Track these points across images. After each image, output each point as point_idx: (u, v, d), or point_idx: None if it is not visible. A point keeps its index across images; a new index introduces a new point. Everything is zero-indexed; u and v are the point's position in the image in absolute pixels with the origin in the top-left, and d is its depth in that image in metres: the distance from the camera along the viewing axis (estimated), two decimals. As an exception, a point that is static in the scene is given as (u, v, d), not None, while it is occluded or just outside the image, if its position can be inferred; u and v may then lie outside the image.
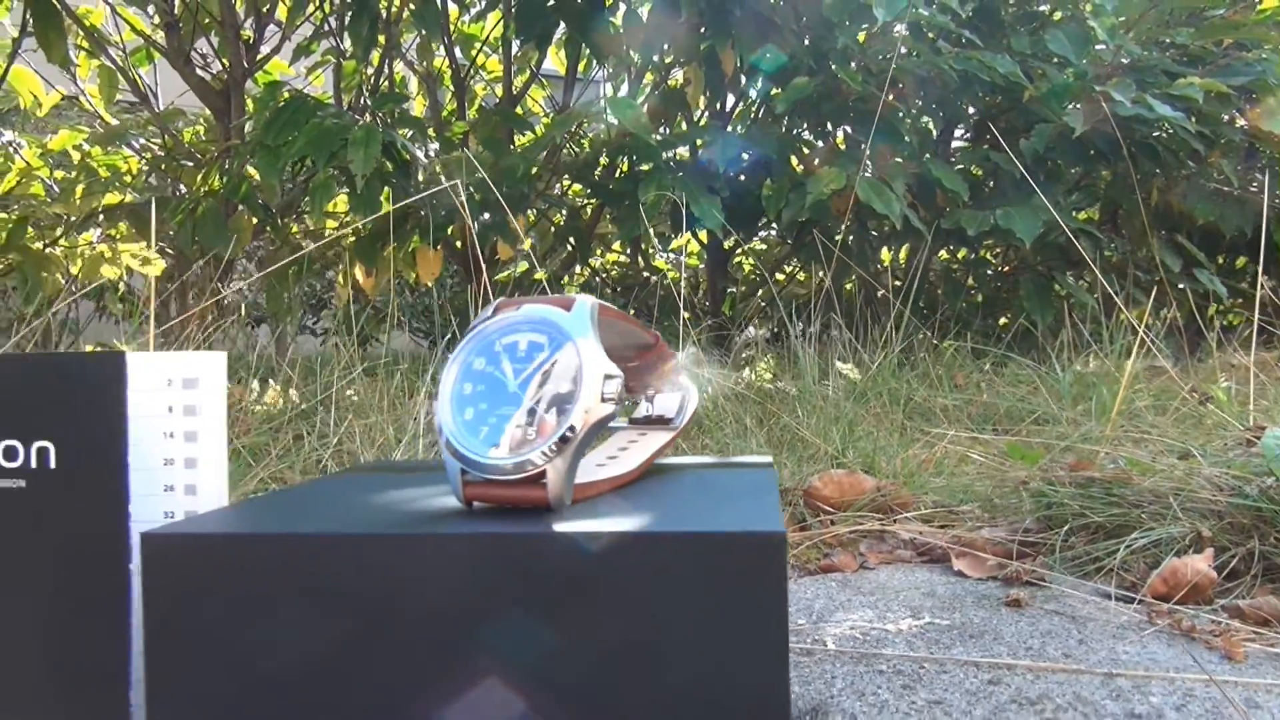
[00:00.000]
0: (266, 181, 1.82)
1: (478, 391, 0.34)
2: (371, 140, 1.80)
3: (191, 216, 1.98)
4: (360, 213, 1.86)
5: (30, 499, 0.38)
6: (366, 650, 0.30)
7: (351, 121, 1.85)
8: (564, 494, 0.33)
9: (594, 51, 2.12)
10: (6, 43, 2.59)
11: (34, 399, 0.38)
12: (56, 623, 0.37)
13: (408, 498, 0.38)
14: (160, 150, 2.52)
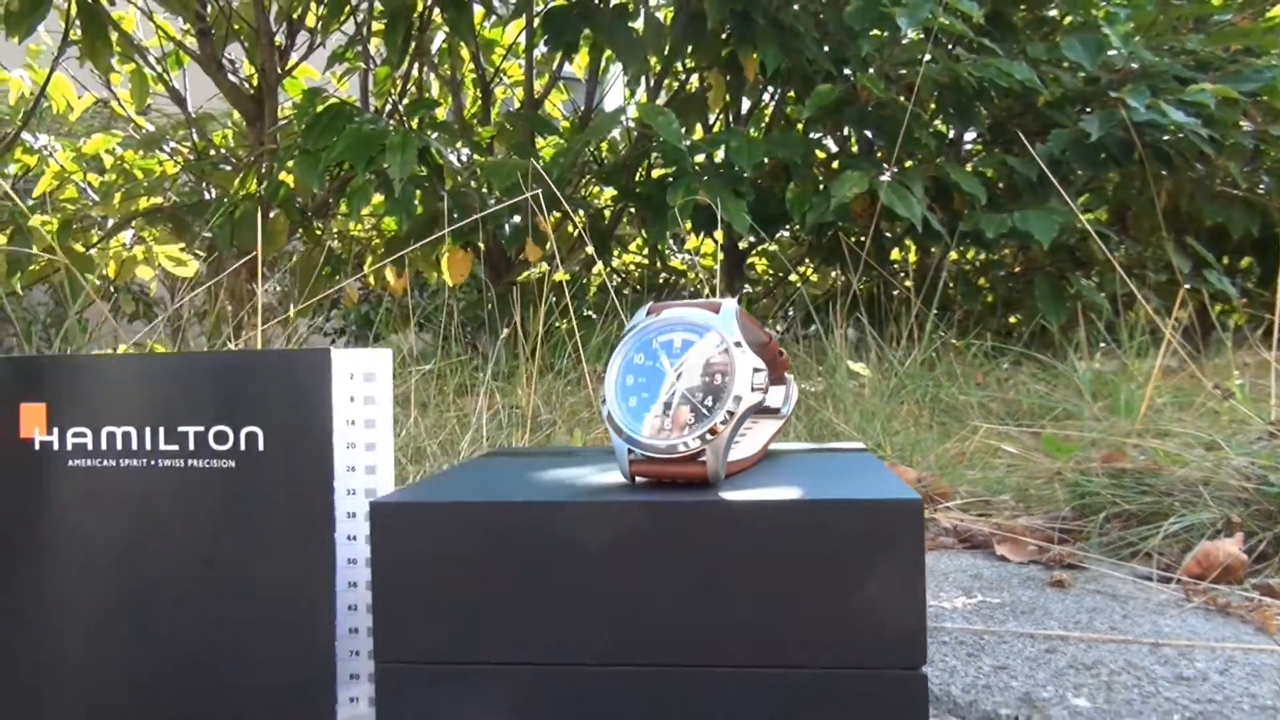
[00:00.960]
0: (306, 185, 1.87)
1: (639, 383, 0.40)
2: (408, 145, 1.86)
3: (230, 219, 2.03)
4: (396, 216, 1.91)
5: (239, 477, 0.43)
6: (566, 604, 0.36)
7: (387, 127, 1.91)
8: (720, 471, 0.39)
9: (620, 58, 2.17)
10: (39, 48, 2.64)
11: (243, 390, 0.43)
12: (267, 584, 0.42)
13: (570, 475, 0.43)
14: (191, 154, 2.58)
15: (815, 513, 0.35)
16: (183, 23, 2.47)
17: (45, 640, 0.45)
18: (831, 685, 0.35)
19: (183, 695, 0.44)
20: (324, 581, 0.42)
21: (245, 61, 2.56)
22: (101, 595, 0.45)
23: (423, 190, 2.03)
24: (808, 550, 0.35)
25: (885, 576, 0.34)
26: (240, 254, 2.17)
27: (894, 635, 0.34)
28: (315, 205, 2.35)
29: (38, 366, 0.46)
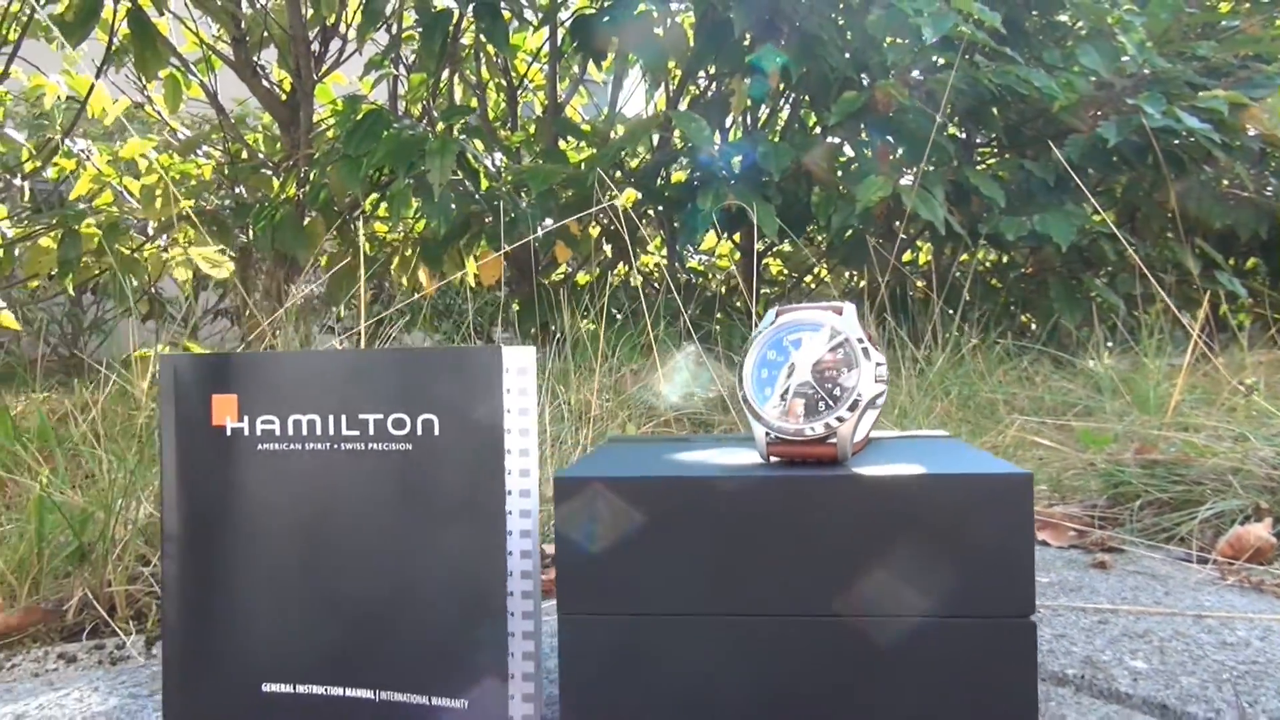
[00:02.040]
0: (349, 189, 1.93)
1: (773, 375, 0.46)
2: (447, 151, 1.92)
3: (271, 221, 2.09)
4: (434, 219, 1.97)
5: (416, 458, 0.49)
6: (722, 563, 0.42)
7: (426, 133, 1.97)
8: (849, 451, 0.45)
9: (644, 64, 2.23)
10: (77, 55, 2.70)
11: (419, 382, 0.49)
12: (442, 551, 0.48)
13: (705, 456, 0.49)
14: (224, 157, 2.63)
15: (940, 485, 0.41)
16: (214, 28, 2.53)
17: (237, 601, 0.51)
18: (955, 632, 0.41)
19: (362, 651, 0.50)
20: (496, 550, 0.48)
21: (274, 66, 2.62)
22: (287, 562, 0.51)
23: (457, 194, 2.09)
24: (933, 516, 0.41)
25: (999, 539, 0.41)
26: (278, 255, 2.23)
27: (1007, 589, 0.41)
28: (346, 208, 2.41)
29: (227, 363, 0.53)
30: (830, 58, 2.20)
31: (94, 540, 0.73)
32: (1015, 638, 0.41)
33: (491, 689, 0.48)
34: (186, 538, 0.52)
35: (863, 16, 2.19)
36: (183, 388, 0.53)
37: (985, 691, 0.41)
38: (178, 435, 0.53)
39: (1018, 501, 0.41)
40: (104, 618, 0.71)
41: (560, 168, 1.97)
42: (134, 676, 0.62)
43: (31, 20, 2.17)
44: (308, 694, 0.51)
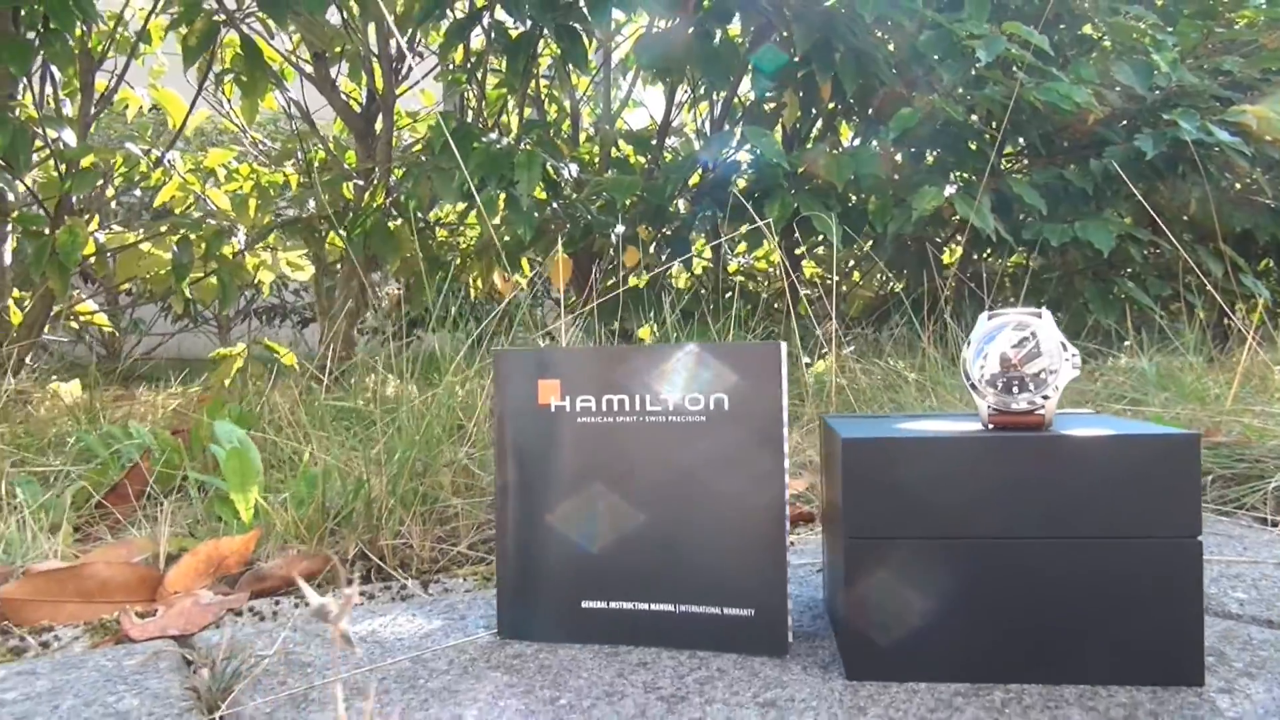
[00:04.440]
0: (444, 198, 2.08)
1: (989, 361, 0.62)
2: (533, 163, 2.07)
3: (363, 228, 2.24)
4: (520, 226, 2.12)
5: (709, 429, 0.65)
6: (968, 496, 0.57)
7: (514, 147, 2.12)
8: (1052, 420, 0.60)
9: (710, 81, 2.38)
10: (161, 69, 2.85)
11: (712, 368, 0.65)
12: (730, 502, 0.64)
13: (938, 425, 0.64)
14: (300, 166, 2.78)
15: (1130, 442, 0.56)
16: (290, 43, 2.67)
17: (559, 536, 0.67)
18: (1138, 549, 0.56)
19: (663, 573, 0.65)
20: (777, 495, 0.63)
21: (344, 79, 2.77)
22: (602, 505, 0.66)
23: (541, 202, 2.24)
24: (1122, 463, 0.56)
25: (1174, 478, 0.56)
26: (369, 261, 2.38)
27: (1181, 516, 0.56)
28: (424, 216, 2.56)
29: (551, 356, 0.68)
30: (881, 74, 2.36)
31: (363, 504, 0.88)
32: (1187, 551, 0.56)
33: (772, 600, 0.63)
34: (518, 489, 0.68)
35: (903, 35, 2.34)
36: (514, 376, 0.68)
37: (1166, 592, 0.56)
38: (510, 412, 0.68)
39: (1188, 453, 0.56)
40: (377, 565, 0.86)
41: (638, 179, 2.12)
42: (435, 605, 0.77)
43: (138, 44, 2.32)
44: (618, 608, 0.66)
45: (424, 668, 0.63)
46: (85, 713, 0.56)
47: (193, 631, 0.72)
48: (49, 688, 0.61)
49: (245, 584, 0.82)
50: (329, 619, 0.29)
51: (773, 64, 2.39)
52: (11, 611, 0.74)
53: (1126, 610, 0.56)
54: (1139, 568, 0.56)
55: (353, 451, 0.97)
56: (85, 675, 0.63)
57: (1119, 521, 0.56)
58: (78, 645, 0.70)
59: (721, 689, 0.58)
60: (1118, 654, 0.56)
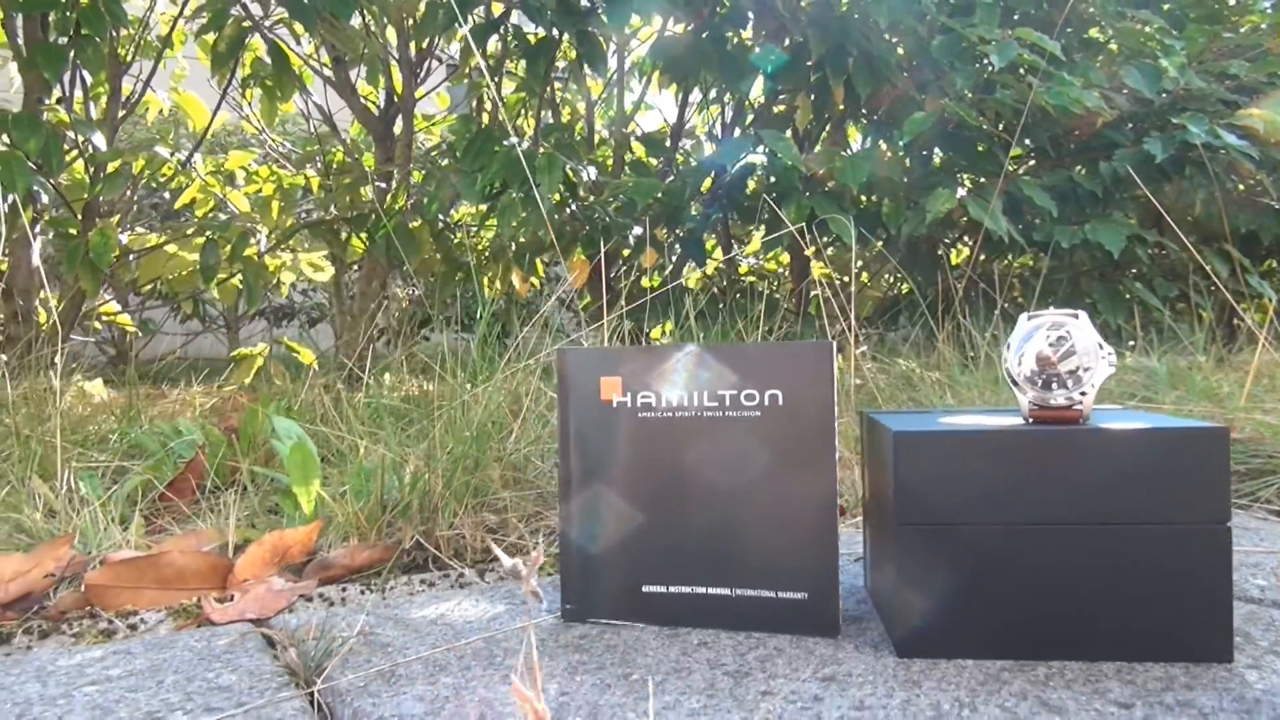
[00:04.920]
0: (467, 200, 2.12)
1: (1026, 360, 0.66)
2: (554, 167, 2.11)
3: (385, 229, 2.28)
4: (540, 228, 2.16)
5: (763, 423, 0.69)
6: (1012, 484, 0.61)
7: (535, 150, 2.16)
8: (1089, 415, 0.64)
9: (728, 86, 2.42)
10: (183, 73, 2.89)
11: (766, 366, 0.68)
12: (783, 492, 0.68)
13: (979, 419, 0.68)
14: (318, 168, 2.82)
15: (1163, 435, 0.61)
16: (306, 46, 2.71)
17: (621, 525, 0.71)
18: (1171, 534, 0.60)
19: (719, 559, 0.69)
20: (828, 486, 0.67)
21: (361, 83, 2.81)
22: (661, 495, 0.70)
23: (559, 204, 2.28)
24: (1155, 456, 0.60)
25: (1205, 468, 0.60)
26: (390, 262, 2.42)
27: (1211, 503, 0.60)
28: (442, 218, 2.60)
29: (613, 354, 0.72)
30: (893, 78, 2.40)
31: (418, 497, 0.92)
32: (1217, 537, 0.60)
33: (825, 584, 0.67)
34: (581, 480, 0.72)
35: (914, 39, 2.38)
36: (578, 373, 0.72)
37: (1197, 575, 0.60)
38: (573, 408, 0.72)
39: (1218, 445, 0.60)
40: (433, 555, 0.90)
41: (658, 182, 2.16)
42: (495, 592, 0.81)
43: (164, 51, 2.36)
44: (677, 592, 0.70)
45: (498, 647, 0.67)
46: (189, 688, 0.60)
47: (269, 615, 0.76)
48: (148, 665, 0.65)
49: (312, 572, 0.86)
50: (520, 578, 0.33)
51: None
52: (97, 597, 0.78)
53: (1160, 592, 0.60)
54: (1172, 552, 0.60)
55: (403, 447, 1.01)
56: (179, 655, 0.67)
57: (1153, 509, 0.60)
58: (163, 628, 0.74)
59: (782, 665, 0.62)
60: (1152, 632, 0.60)
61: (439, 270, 2.50)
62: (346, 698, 0.58)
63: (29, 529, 0.89)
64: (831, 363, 0.67)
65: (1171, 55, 2.35)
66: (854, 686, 0.58)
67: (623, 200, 2.35)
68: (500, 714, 0.55)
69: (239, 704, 0.57)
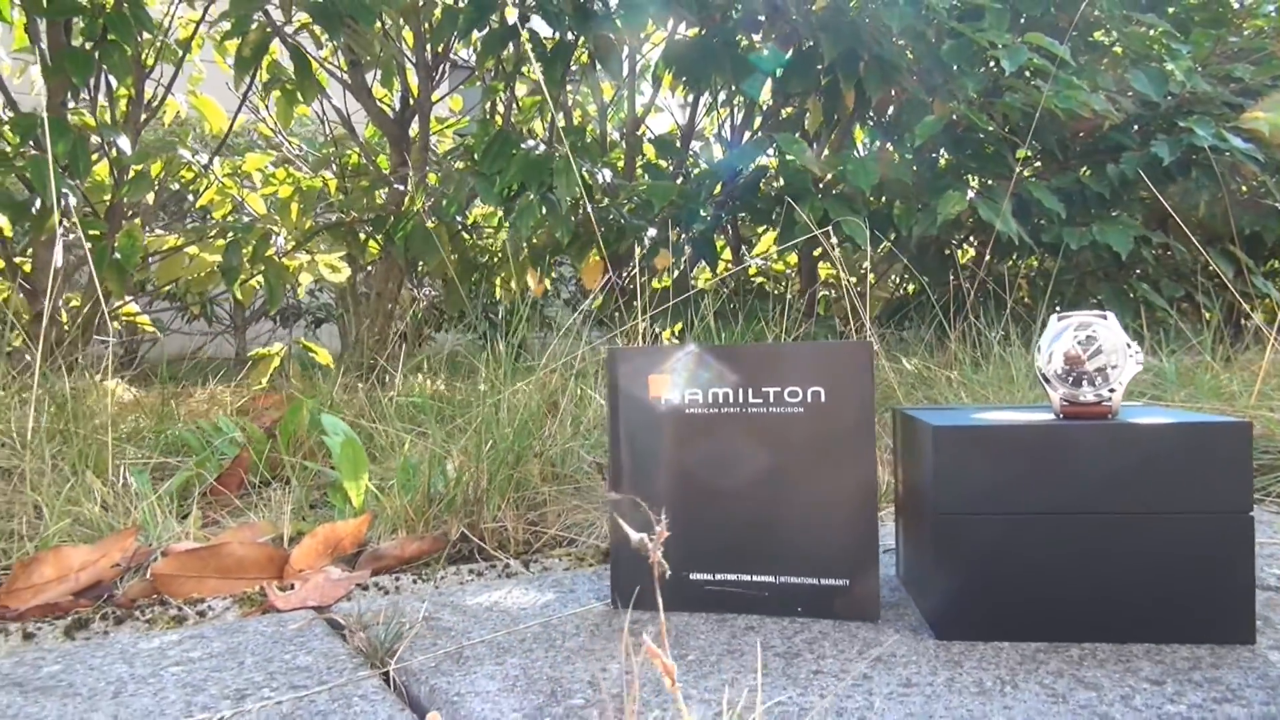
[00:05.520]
0: (486, 202, 2.16)
1: (1059, 359, 0.69)
2: (571, 170, 2.15)
3: (404, 231, 2.32)
4: (558, 230, 2.20)
5: (807, 418, 0.72)
6: (1046, 476, 0.65)
7: (552, 153, 2.19)
8: (1118, 410, 0.68)
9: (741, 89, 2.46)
10: (200, 76, 2.93)
11: (809, 364, 0.72)
12: (826, 482, 0.71)
13: (1014, 415, 0.72)
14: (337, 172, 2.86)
15: (1188, 429, 0.64)
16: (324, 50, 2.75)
17: (669, 515, 0.74)
18: (1196, 523, 0.64)
19: (763, 548, 0.73)
20: (870, 477, 0.71)
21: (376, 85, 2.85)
22: (708, 487, 0.74)
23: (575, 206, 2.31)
24: (1181, 448, 0.64)
25: (1228, 460, 0.64)
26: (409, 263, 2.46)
27: (1235, 493, 0.64)
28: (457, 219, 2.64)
29: (661, 353, 0.76)
30: (904, 82, 2.43)
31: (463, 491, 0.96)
32: (1240, 525, 0.64)
33: (866, 571, 0.71)
34: (631, 473, 0.75)
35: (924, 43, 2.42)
36: (628, 371, 0.76)
37: (1221, 561, 0.64)
38: (623, 404, 0.76)
39: (1240, 438, 0.64)
40: (478, 546, 0.94)
41: (674, 184, 2.20)
42: (542, 581, 0.85)
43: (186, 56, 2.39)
44: (723, 579, 0.74)
45: (555, 631, 0.70)
46: (269, 668, 0.64)
47: (329, 603, 0.79)
48: (225, 648, 0.68)
49: (365, 562, 0.89)
50: (646, 551, 0.37)
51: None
52: (164, 585, 0.82)
53: (1186, 577, 0.64)
54: (1197, 540, 0.64)
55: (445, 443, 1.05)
56: (252, 639, 0.70)
57: (1179, 499, 0.64)
58: (229, 614, 0.78)
59: (829, 647, 0.65)
60: (1178, 615, 0.64)
61: (453, 271, 2.53)
62: (420, 676, 0.62)
63: (89, 521, 0.93)
64: (871, 361, 0.71)
65: (1178, 59, 2.39)
66: (899, 666, 0.61)
67: (637, 202, 2.39)
68: (569, 690, 0.58)
69: (320, 682, 0.61)
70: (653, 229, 2.38)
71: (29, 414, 1.07)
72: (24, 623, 0.75)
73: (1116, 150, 2.56)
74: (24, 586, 0.80)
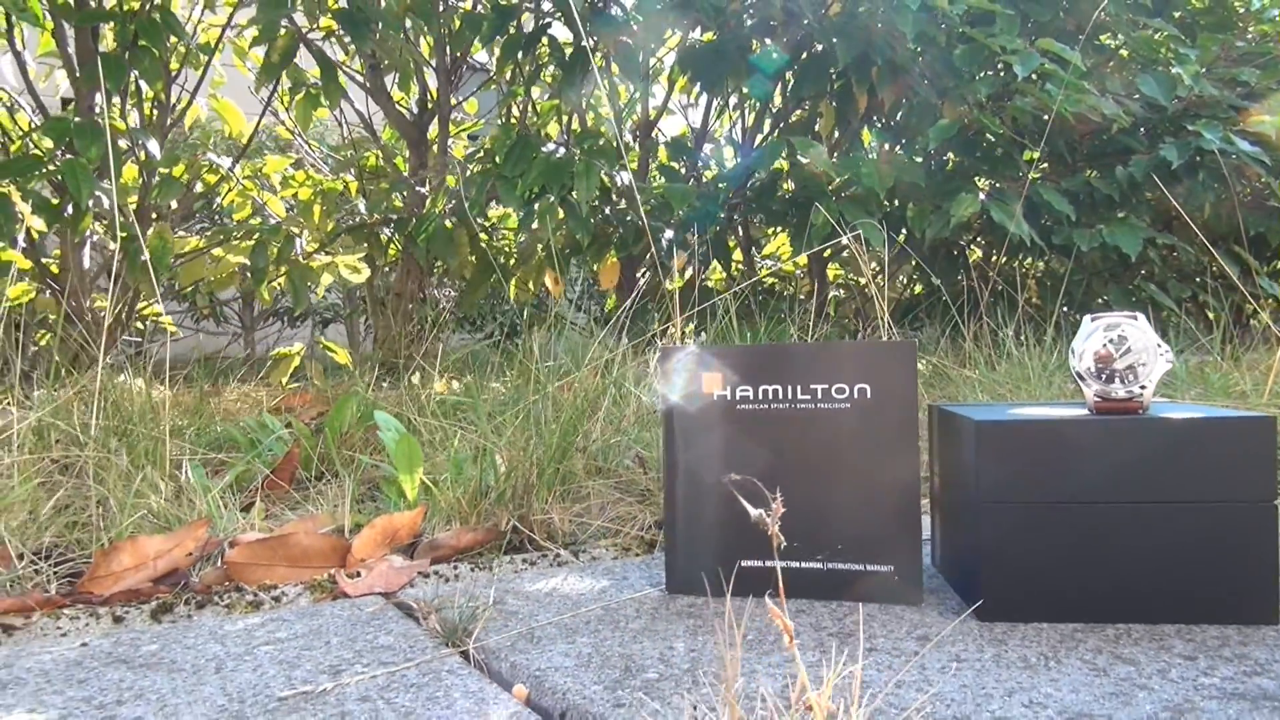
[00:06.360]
0: (507, 205, 2.20)
1: (1090, 358, 0.73)
2: (590, 173, 2.19)
3: (426, 232, 2.36)
4: (578, 231, 2.24)
5: (853, 414, 0.76)
6: (1081, 466, 0.69)
7: (571, 156, 2.24)
8: (1149, 406, 0.72)
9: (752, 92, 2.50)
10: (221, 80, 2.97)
11: (856, 363, 0.76)
12: (871, 470, 0.75)
13: (1046, 410, 0.76)
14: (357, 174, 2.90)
15: (1216, 423, 0.68)
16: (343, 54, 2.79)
17: (722, 505, 0.79)
18: (1223, 511, 0.68)
19: (812, 536, 0.77)
20: (913, 470, 0.75)
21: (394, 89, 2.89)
22: (753, 486, 0.78)
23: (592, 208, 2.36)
24: (1209, 441, 0.68)
25: (1253, 453, 0.68)
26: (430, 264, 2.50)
27: (1260, 483, 0.68)
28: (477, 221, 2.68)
29: (714, 352, 0.80)
30: (916, 86, 2.48)
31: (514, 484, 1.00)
32: (1264, 513, 0.68)
33: (909, 557, 0.75)
34: (685, 466, 0.80)
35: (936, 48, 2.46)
36: (682, 370, 0.80)
37: (1246, 547, 0.68)
38: (678, 401, 0.80)
39: (1265, 432, 0.68)
40: (528, 537, 0.98)
41: (692, 187, 2.24)
42: (594, 569, 0.89)
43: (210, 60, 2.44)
44: (773, 566, 0.78)
45: (616, 614, 0.75)
46: (355, 646, 0.68)
47: (394, 590, 0.84)
48: (308, 630, 0.72)
49: (424, 552, 0.93)
50: (764, 526, 0.41)
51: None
52: (237, 572, 0.86)
53: (1213, 562, 0.68)
54: (1224, 527, 0.68)
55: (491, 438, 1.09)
56: (330, 621, 0.75)
57: (1207, 488, 0.68)
58: (302, 600, 0.82)
59: (878, 628, 0.69)
60: (1206, 598, 0.68)
61: (471, 271, 2.58)
62: (499, 654, 0.66)
63: (157, 514, 0.97)
64: (914, 360, 0.75)
65: (1186, 64, 2.43)
66: (948, 644, 0.66)
67: (654, 204, 2.43)
68: (642, 665, 0.63)
69: (406, 659, 0.65)
70: (669, 230, 2.42)
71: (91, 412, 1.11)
72: (111, 607, 0.79)
73: (1124, 153, 2.60)
74: (105, 574, 0.85)
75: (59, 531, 0.96)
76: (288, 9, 2.14)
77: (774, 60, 2.49)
